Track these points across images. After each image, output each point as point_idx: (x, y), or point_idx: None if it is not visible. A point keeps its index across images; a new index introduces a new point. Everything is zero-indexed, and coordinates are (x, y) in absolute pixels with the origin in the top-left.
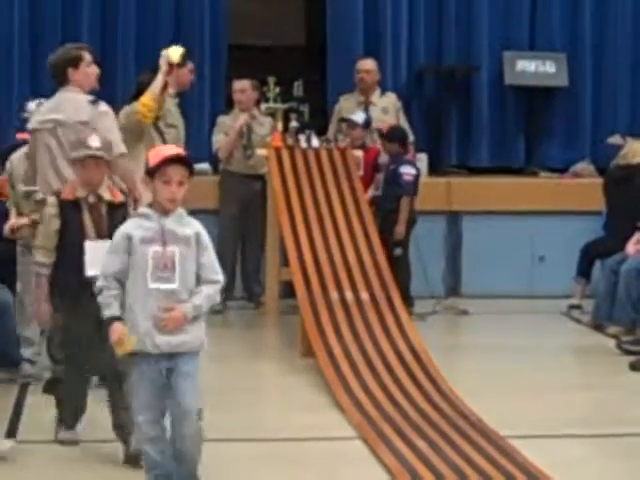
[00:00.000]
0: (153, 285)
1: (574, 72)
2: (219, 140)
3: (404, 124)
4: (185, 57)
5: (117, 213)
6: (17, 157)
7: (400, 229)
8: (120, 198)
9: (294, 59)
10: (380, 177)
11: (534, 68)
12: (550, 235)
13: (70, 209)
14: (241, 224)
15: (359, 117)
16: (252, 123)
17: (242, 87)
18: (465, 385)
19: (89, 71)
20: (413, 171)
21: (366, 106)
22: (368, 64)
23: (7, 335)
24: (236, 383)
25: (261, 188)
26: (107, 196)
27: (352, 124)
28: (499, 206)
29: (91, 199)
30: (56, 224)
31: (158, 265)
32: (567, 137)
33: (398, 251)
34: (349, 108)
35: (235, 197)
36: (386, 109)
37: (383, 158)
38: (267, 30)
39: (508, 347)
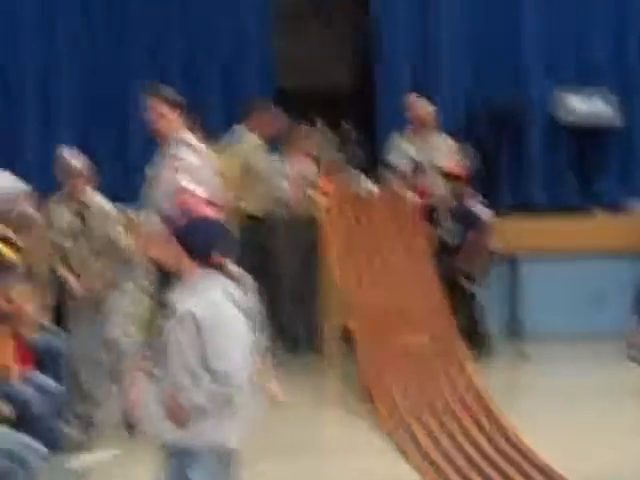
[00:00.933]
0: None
1: (626, 110)
2: (285, 188)
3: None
4: None
5: None
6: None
7: (467, 263)
8: None
9: (343, 101)
10: (446, 216)
11: (586, 107)
12: (608, 273)
13: None
14: (305, 270)
15: (401, 160)
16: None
17: (309, 133)
18: (527, 427)
19: None
20: (480, 207)
21: (422, 146)
22: (422, 102)
23: None
24: (299, 430)
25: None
26: None
27: (395, 167)
28: (556, 246)
29: None
30: None
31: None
32: (621, 175)
33: (468, 284)
34: (405, 148)
35: (300, 242)
36: (442, 150)
37: (435, 199)
38: (315, 73)
39: (570, 388)
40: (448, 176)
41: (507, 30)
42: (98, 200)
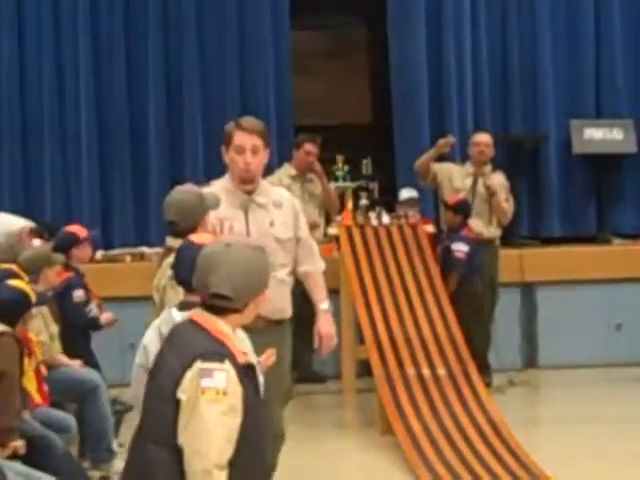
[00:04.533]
0: None
1: None
2: None
3: (508, 202)
4: None
5: None
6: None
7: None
8: None
9: (361, 137)
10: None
11: (602, 135)
12: (626, 302)
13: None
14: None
15: (408, 193)
16: None
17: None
18: (546, 457)
19: None
20: (465, 248)
21: (475, 178)
22: (485, 137)
23: (96, 424)
24: (316, 462)
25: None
26: None
27: (407, 202)
28: (573, 275)
29: None
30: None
31: None
32: (638, 203)
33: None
34: (459, 176)
35: None
36: (492, 185)
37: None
38: (332, 110)
39: (588, 417)
40: (451, 207)
41: (525, 61)
42: None
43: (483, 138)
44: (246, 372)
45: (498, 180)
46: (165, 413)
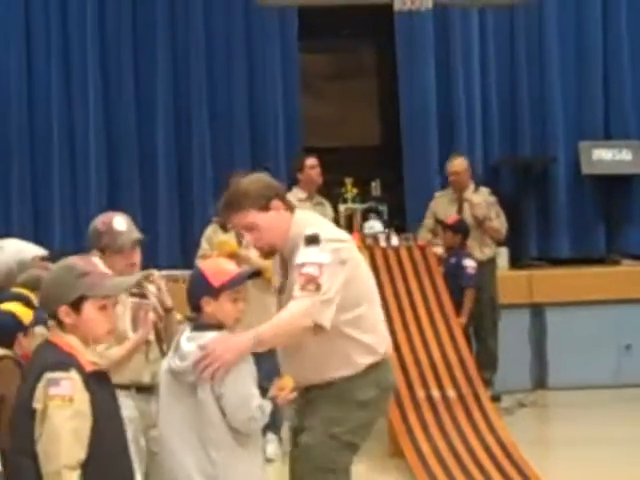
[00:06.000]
0: None
1: None
2: None
3: (499, 218)
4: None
5: None
6: None
7: (462, 320)
8: None
9: (370, 159)
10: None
11: (611, 156)
12: (635, 323)
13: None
14: None
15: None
16: None
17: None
18: (556, 478)
19: None
20: (474, 264)
21: (460, 203)
22: (457, 165)
23: None
24: None
25: None
26: None
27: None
28: (582, 296)
29: None
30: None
31: None
32: None
33: None
34: (443, 205)
35: None
36: (479, 205)
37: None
38: (341, 132)
39: (598, 438)
40: (450, 227)
41: (533, 83)
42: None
43: (453, 167)
44: (97, 379)
45: (483, 198)
46: (27, 424)
